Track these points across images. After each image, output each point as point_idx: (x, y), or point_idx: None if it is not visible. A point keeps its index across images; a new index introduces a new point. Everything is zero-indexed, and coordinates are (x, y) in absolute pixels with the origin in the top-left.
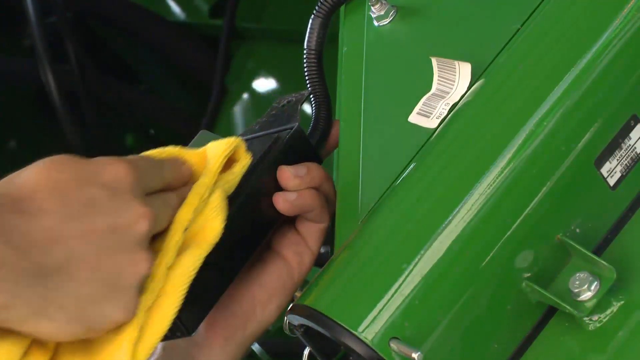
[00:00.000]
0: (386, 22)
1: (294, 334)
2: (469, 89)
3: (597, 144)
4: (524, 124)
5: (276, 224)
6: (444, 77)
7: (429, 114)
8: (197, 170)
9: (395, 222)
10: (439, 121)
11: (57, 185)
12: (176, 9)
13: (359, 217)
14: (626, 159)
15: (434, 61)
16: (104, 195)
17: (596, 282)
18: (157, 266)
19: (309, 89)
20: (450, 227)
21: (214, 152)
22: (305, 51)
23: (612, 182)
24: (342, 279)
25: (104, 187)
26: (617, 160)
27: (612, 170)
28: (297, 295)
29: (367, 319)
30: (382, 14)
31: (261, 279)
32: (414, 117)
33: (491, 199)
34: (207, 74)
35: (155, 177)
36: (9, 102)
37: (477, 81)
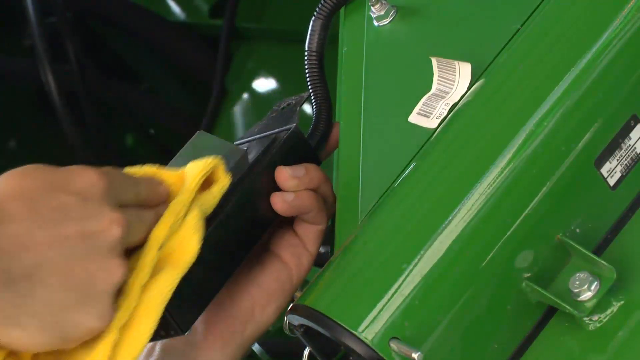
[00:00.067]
0: (386, 22)
1: (294, 334)
2: (469, 89)
3: (597, 144)
4: (524, 124)
5: (272, 224)
6: (444, 77)
7: (429, 114)
8: (175, 190)
9: (395, 222)
10: (439, 121)
11: (26, 192)
12: (176, 9)
13: (359, 217)
14: (626, 159)
15: (434, 61)
16: (75, 201)
17: (596, 282)
18: (131, 284)
19: (309, 90)
20: (450, 227)
21: (192, 172)
22: (306, 53)
23: (612, 182)
24: (342, 279)
25: (74, 193)
26: (617, 160)
27: (612, 170)
28: (297, 295)
29: (367, 319)
30: (382, 14)
31: (259, 281)
32: (414, 117)
33: (491, 199)
34: (207, 74)
35: (128, 190)
36: (9, 102)
37: (477, 81)
